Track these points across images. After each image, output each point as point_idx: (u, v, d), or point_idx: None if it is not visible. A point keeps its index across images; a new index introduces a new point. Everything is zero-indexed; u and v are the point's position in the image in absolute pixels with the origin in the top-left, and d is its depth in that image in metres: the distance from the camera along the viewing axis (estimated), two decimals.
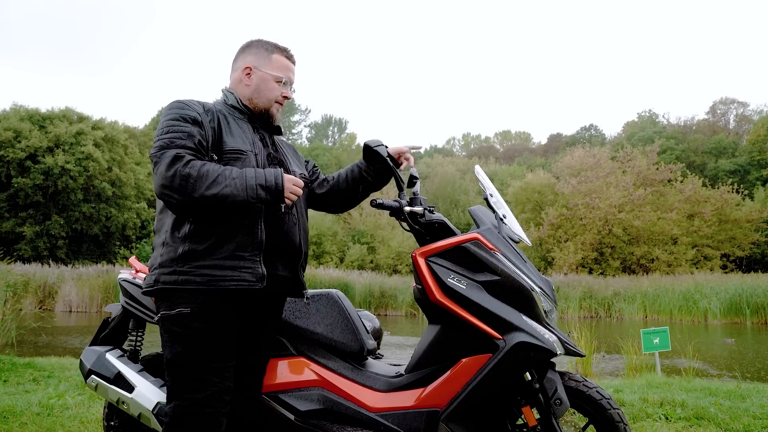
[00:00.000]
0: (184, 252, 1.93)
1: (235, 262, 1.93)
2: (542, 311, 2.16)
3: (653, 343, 6.13)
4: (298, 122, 58.95)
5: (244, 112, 2.13)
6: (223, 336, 1.95)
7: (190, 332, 1.92)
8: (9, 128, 27.83)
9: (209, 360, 1.92)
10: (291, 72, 2.18)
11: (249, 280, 1.94)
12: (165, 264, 1.95)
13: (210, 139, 1.97)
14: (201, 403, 1.91)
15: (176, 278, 1.92)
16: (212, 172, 1.86)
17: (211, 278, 1.91)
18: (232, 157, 1.98)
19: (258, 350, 2.15)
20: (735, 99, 45.48)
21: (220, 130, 2.01)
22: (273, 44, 2.18)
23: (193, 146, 1.91)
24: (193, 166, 1.85)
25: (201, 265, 1.92)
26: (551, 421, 2.09)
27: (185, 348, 1.93)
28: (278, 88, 2.14)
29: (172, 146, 1.88)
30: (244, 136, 2.06)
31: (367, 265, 26.86)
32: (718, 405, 3.98)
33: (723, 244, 25.39)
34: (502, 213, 2.32)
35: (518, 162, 46.76)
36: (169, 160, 1.85)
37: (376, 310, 17.72)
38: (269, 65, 2.13)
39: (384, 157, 2.25)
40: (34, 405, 3.86)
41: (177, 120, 1.94)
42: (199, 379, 1.91)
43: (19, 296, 9.09)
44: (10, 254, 22.26)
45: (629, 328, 13.02)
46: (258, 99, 2.13)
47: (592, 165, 27.45)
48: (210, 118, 2.00)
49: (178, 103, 2.01)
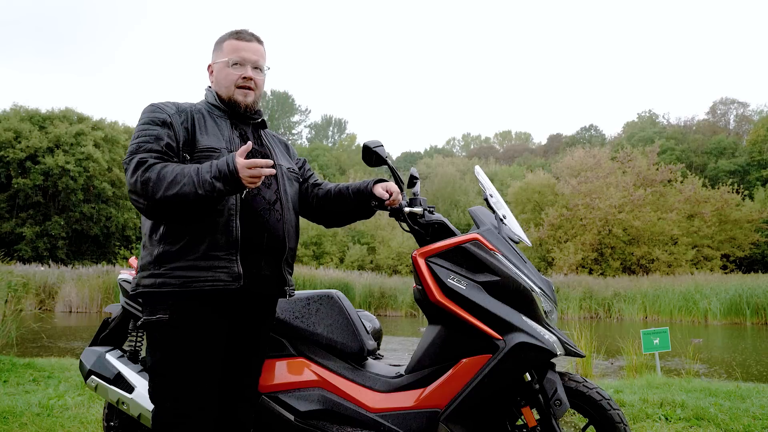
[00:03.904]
0: (159, 254, 1.92)
1: (210, 262, 1.90)
2: (542, 312, 2.16)
3: (653, 343, 6.13)
4: (298, 122, 58.95)
5: (223, 110, 2.10)
6: (204, 343, 1.91)
7: (169, 340, 1.90)
8: (9, 129, 27.86)
9: (189, 368, 1.89)
10: (245, 51, 2.08)
11: (224, 280, 1.90)
12: (144, 267, 1.96)
13: (181, 140, 1.95)
14: (183, 411, 1.88)
15: (154, 281, 1.91)
16: (170, 173, 1.83)
17: (186, 279, 1.89)
18: (205, 155, 1.95)
19: (253, 351, 2.11)
20: (735, 99, 45.53)
21: (194, 130, 1.99)
22: (227, 33, 2.14)
23: (159, 149, 1.90)
24: (153, 170, 1.84)
25: (176, 266, 1.90)
26: (551, 422, 2.09)
27: (164, 356, 1.91)
28: (233, 72, 2.07)
29: (139, 151, 1.88)
30: (220, 133, 2.03)
31: (367, 266, 26.86)
32: (718, 405, 3.97)
33: (723, 245, 25.37)
34: (502, 213, 2.32)
35: (518, 162, 46.76)
36: (134, 166, 1.85)
37: (376, 311, 17.71)
38: (221, 54, 2.10)
39: (383, 158, 2.25)
40: (34, 405, 3.86)
41: (147, 124, 1.95)
42: (180, 387, 1.89)
43: (19, 297, 9.09)
44: (11, 255, 22.27)
45: (629, 328, 13.02)
46: (221, 90, 2.09)
47: (592, 165, 27.45)
48: (183, 118, 1.99)
49: (150, 107, 2.00)
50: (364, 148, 2.29)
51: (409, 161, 52.97)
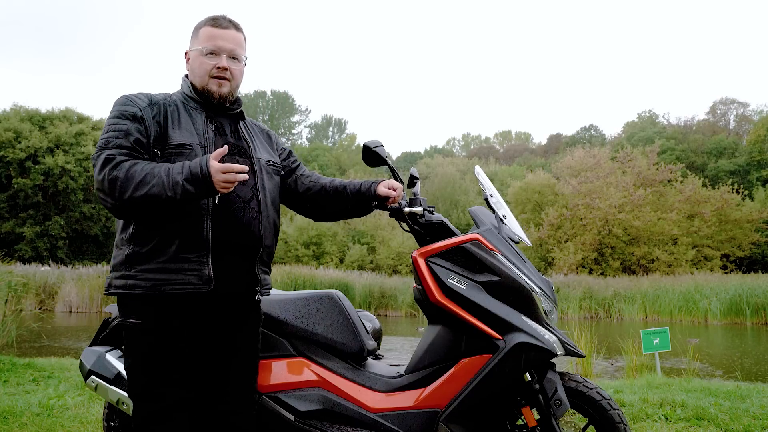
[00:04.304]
0: (128, 255, 1.86)
1: (180, 265, 1.83)
2: (542, 312, 2.16)
3: (653, 343, 6.13)
4: (298, 122, 58.98)
5: (198, 101, 1.99)
6: (176, 346, 1.87)
7: (141, 346, 1.87)
8: (9, 129, 27.87)
9: (162, 371, 1.86)
10: (220, 39, 1.96)
11: (194, 283, 1.84)
12: (116, 267, 1.91)
13: (153, 134, 1.87)
14: (157, 415, 1.86)
15: (125, 282, 1.87)
16: (140, 172, 1.76)
17: (156, 282, 1.83)
18: (176, 152, 1.87)
19: (232, 352, 2.01)
20: (735, 99, 45.45)
21: (166, 124, 1.90)
22: (204, 19, 2.02)
23: (129, 145, 1.82)
24: (121, 168, 1.77)
25: (145, 269, 1.84)
26: (551, 422, 2.09)
27: (135, 361, 1.89)
28: (207, 61, 1.96)
29: (108, 147, 1.81)
30: (194, 127, 1.93)
31: (367, 266, 26.84)
32: (718, 405, 3.97)
33: (723, 245, 25.36)
34: (502, 213, 2.32)
35: (518, 162, 46.74)
36: (101, 162, 1.79)
37: (376, 311, 17.71)
38: (196, 41, 1.99)
39: (383, 158, 2.25)
40: (34, 405, 3.86)
41: (117, 117, 1.86)
42: (152, 391, 1.87)
43: (19, 297, 9.09)
44: (11, 255, 22.28)
45: (629, 328, 13.01)
46: (195, 79, 1.99)
47: (592, 165, 27.44)
48: (155, 111, 1.90)
49: (121, 99, 1.91)
50: (364, 148, 2.29)
51: (409, 161, 52.96)
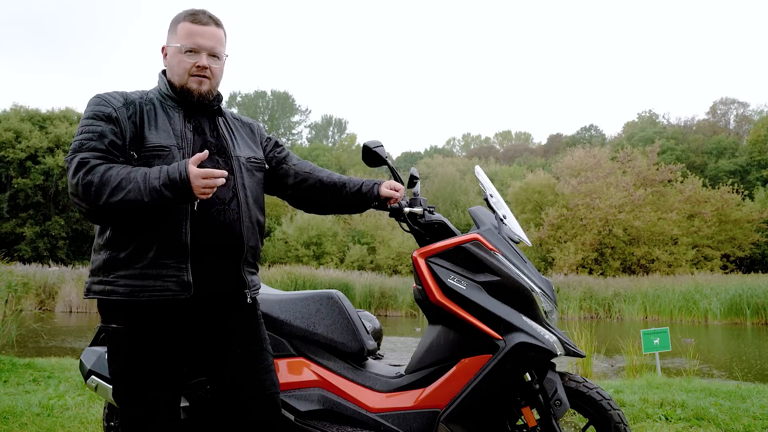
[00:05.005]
0: (105, 260, 1.82)
1: (159, 271, 1.78)
2: (542, 312, 2.16)
3: (653, 343, 6.13)
4: (298, 122, 58.95)
5: (176, 99, 1.91)
6: (159, 352, 1.83)
7: (122, 351, 1.84)
8: (9, 129, 27.89)
9: (146, 376, 1.83)
10: (200, 37, 1.88)
11: (173, 289, 1.78)
12: (94, 272, 1.87)
13: (128, 136, 1.80)
14: (142, 420, 1.83)
15: (103, 288, 1.82)
16: (115, 176, 1.70)
17: (134, 289, 1.78)
18: (153, 154, 1.80)
19: (224, 355, 1.94)
20: (735, 99, 45.47)
21: (142, 124, 1.83)
22: (183, 13, 1.93)
23: (103, 147, 1.76)
24: (95, 172, 1.70)
25: (123, 274, 1.79)
26: (551, 422, 2.09)
27: (117, 367, 1.86)
28: (186, 59, 1.88)
29: (81, 149, 1.75)
30: (171, 128, 1.86)
31: (367, 266, 26.84)
32: (719, 405, 3.97)
33: (723, 245, 25.37)
34: (502, 213, 2.32)
35: (518, 162, 46.74)
36: (75, 166, 1.73)
37: (376, 311, 17.71)
38: (174, 37, 1.90)
39: (383, 158, 2.25)
40: (34, 405, 3.86)
41: (91, 118, 1.80)
42: (137, 396, 1.83)
43: (19, 297, 9.09)
44: (11, 255, 22.27)
45: (629, 328, 13.02)
46: (173, 77, 1.91)
47: (592, 165, 27.44)
48: (131, 112, 1.82)
49: (95, 99, 1.84)
50: (364, 148, 2.29)
51: (409, 161, 52.96)
